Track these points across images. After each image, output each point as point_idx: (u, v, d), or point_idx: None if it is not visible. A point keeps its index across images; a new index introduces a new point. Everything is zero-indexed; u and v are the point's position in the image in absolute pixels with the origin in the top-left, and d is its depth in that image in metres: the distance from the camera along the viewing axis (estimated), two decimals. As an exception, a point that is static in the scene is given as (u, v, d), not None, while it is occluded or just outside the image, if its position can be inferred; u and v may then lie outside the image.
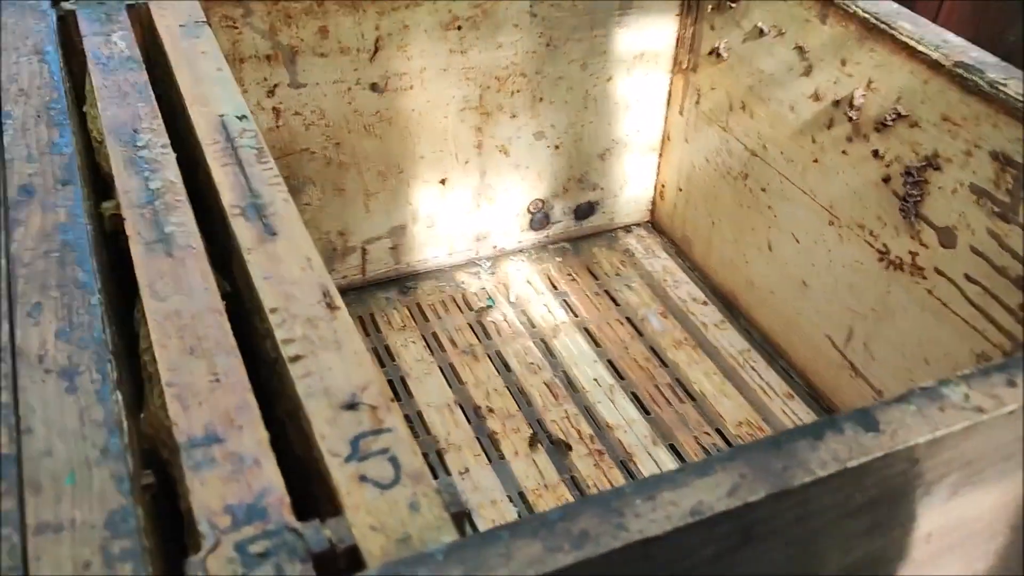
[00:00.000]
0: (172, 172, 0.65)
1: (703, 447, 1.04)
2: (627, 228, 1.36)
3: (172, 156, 0.66)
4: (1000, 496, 0.54)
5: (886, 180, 0.91)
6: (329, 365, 0.50)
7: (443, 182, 1.17)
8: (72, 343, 0.49)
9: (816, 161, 1.00)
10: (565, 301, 1.23)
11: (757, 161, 1.09)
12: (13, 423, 0.45)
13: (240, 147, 0.68)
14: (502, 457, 1.01)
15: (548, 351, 1.15)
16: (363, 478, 0.44)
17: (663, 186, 1.31)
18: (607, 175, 1.28)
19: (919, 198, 0.87)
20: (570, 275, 1.27)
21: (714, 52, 1.12)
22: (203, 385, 0.49)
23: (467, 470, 0.99)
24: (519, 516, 0.95)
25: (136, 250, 0.58)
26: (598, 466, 1.00)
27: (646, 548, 0.41)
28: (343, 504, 0.43)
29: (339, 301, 0.55)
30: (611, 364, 1.14)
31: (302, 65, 1.01)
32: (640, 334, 1.18)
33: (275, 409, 0.53)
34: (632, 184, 1.31)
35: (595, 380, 1.11)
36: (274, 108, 1.02)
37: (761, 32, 1.04)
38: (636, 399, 1.09)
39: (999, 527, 0.57)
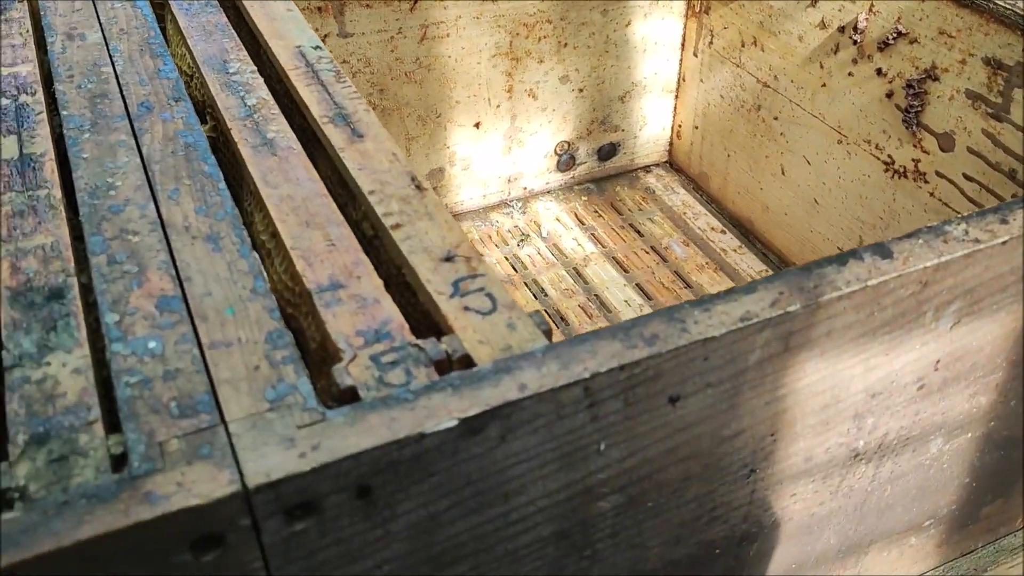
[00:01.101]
0: (264, 92, 0.74)
1: (729, 354, 1.12)
2: (646, 168, 1.45)
3: (261, 79, 0.75)
4: (999, 328, 0.63)
5: (889, 95, 0.99)
6: (425, 230, 0.59)
7: (477, 126, 1.26)
8: (210, 216, 0.58)
9: (824, 85, 1.08)
10: (593, 235, 1.32)
11: (769, 92, 1.18)
12: (174, 274, 0.54)
13: (320, 71, 0.77)
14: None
15: (580, 278, 1.24)
16: (466, 308, 0.53)
17: (679, 126, 1.40)
18: (627, 117, 1.37)
19: (920, 108, 0.96)
20: (596, 212, 1.36)
21: (725, -7, 1.21)
22: (321, 248, 0.58)
23: (515, 380, 1.08)
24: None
25: (245, 152, 0.67)
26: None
27: (705, 347, 0.50)
28: (452, 327, 0.52)
29: (426, 184, 0.64)
30: (639, 287, 1.23)
31: (350, 16, 1.10)
32: (665, 260, 1.27)
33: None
34: (650, 125, 1.39)
35: (625, 301, 1.20)
36: (324, 57, 1.11)
37: (769, -30, 1.12)
38: (665, 316, 1.18)
39: (999, 361, 0.66)
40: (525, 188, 1.36)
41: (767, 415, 0.56)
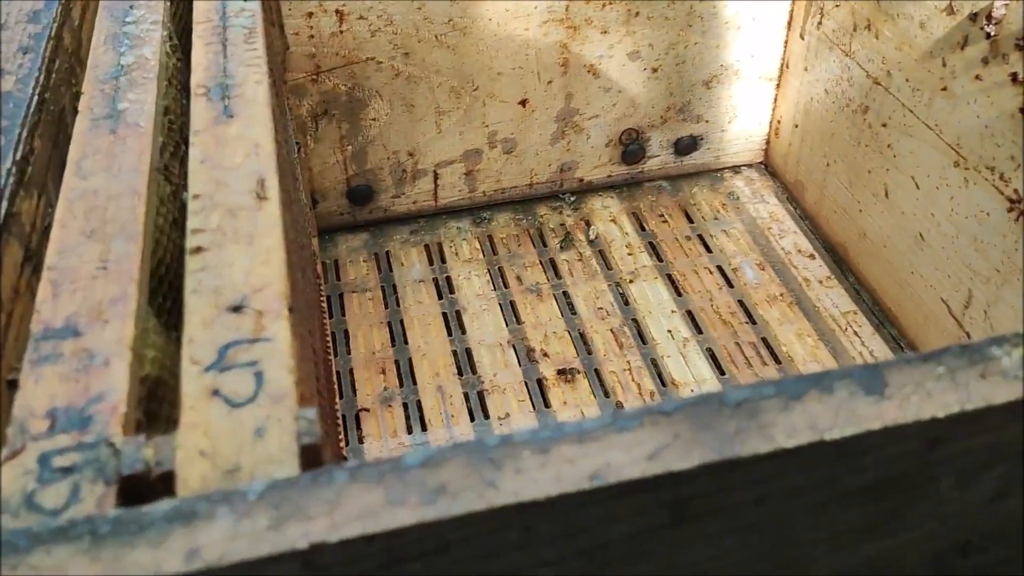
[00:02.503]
0: (150, 49, 0.59)
1: (780, 415, 0.91)
2: (735, 168, 1.22)
3: (158, 33, 0.61)
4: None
5: (1024, 112, 0.74)
6: (231, 260, 0.43)
7: (523, 103, 1.07)
8: (-44, 214, 0.44)
9: (945, 89, 0.83)
10: (651, 244, 1.11)
11: (879, 91, 0.93)
12: None
13: (231, 26, 0.61)
14: (548, 406, 0.92)
15: (622, 296, 1.04)
16: (216, 392, 0.37)
17: (779, 122, 1.16)
18: (714, 106, 1.14)
19: (1062, 134, 0.70)
20: (662, 216, 1.15)
21: (840, -37, 0.97)
22: (87, 271, 0.42)
23: (507, 415, 0.91)
24: (555, 469, 0.86)
25: (79, 126, 0.52)
26: (654, 424, 0.90)
27: (522, 516, 0.31)
28: (181, 420, 0.36)
29: (273, 193, 0.47)
30: (690, 316, 1.02)
31: (366, -36, 0.93)
32: (730, 285, 1.06)
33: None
34: (743, 118, 1.17)
35: (668, 332, 1.00)
36: (337, 11, 0.95)
37: (893, -65, 0.87)
38: (712, 356, 0.97)
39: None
40: (581, 180, 1.16)
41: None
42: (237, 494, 0.31)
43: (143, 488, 0.34)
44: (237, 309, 0.40)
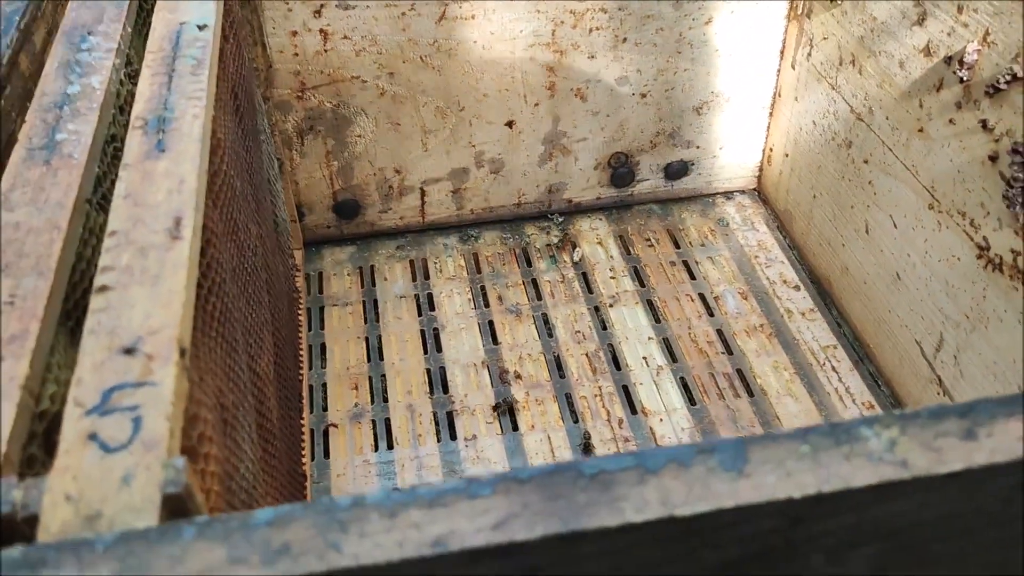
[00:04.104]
0: (99, 78, 0.60)
1: (747, 451, 0.90)
2: (728, 194, 1.21)
3: (111, 61, 0.62)
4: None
5: (993, 158, 0.73)
6: (133, 302, 0.43)
7: (510, 124, 1.08)
8: None
9: (921, 131, 0.82)
10: (635, 268, 1.11)
11: (862, 127, 0.92)
12: None
13: (180, 57, 0.62)
14: (516, 428, 0.92)
15: (600, 320, 1.04)
16: (92, 436, 0.37)
17: (771, 149, 1.15)
18: (705, 132, 1.14)
19: (1027, 183, 0.69)
20: (649, 240, 1.15)
21: (829, -6, 0.95)
22: (-6, 307, 0.43)
23: (474, 437, 0.91)
24: (513, 496, 0.86)
25: (15, 155, 0.53)
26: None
27: (355, 580, 0.32)
28: (55, 463, 0.36)
29: (187, 232, 0.48)
30: (666, 343, 1.01)
31: (350, -15, 0.94)
32: (711, 314, 1.05)
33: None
34: (735, 144, 1.16)
35: (643, 359, 0.99)
36: (321, 30, 0.96)
37: (878, -30, 0.86)
38: (684, 386, 0.97)
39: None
40: (570, 201, 1.16)
41: None
42: (86, 544, 0.32)
43: (10, 530, 0.35)
44: (129, 351, 0.41)
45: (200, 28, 0.66)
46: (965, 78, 0.75)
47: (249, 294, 0.67)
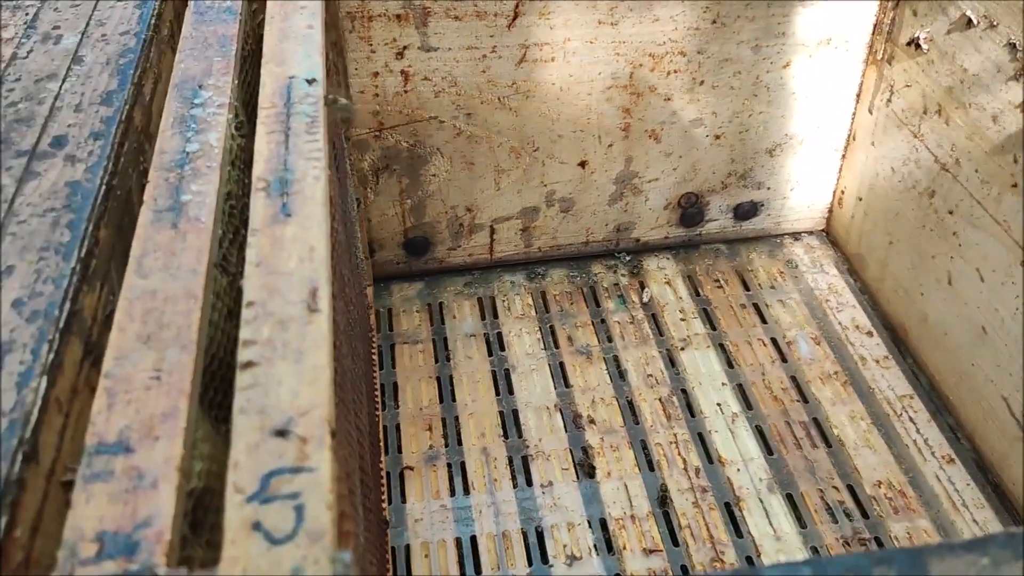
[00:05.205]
0: (215, 135, 0.60)
1: (827, 503, 0.89)
2: (796, 235, 1.20)
3: (224, 117, 0.62)
4: None
5: (1098, 221, 0.72)
6: (279, 379, 0.44)
7: (583, 164, 1.08)
8: (21, 316, 0.46)
9: (1015, 186, 0.81)
10: (704, 310, 1.10)
11: (947, 178, 0.91)
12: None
13: (294, 114, 0.62)
14: (592, 475, 0.92)
15: (672, 364, 1.04)
16: (256, 526, 0.37)
17: (842, 192, 1.14)
18: (776, 174, 1.13)
19: None
20: (717, 281, 1.14)
21: (913, 42, 0.95)
22: (141, 380, 0.44)
23: (550, 483, 0.91)
24: (594, 547, 0.86)
25: (143, 217, 0.54)
26: (697, 505, 0.89)
27: None
28: (223, 554, 0.36)
29: (324, 304, 0.48)
30: (740, 389, 1.01)
31: (434, 28, 0.94)
32: (784, 360, 1.04)
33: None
34: (805, 186, 1.15)
35: (718, 405, 0.99)
36: (403, 71, 0.97)
37: (970, 22, 0.86)
38: (760, 434, 0.96)
39: None
40: (638, 240, 1.16)
41: None
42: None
43: (180, 626, 0.35)
44: (282, 434, 0.41)
45: (309, 83, 0.66)
46: (1068, 138, 0.74)
47: (352, 348, 0.67)
